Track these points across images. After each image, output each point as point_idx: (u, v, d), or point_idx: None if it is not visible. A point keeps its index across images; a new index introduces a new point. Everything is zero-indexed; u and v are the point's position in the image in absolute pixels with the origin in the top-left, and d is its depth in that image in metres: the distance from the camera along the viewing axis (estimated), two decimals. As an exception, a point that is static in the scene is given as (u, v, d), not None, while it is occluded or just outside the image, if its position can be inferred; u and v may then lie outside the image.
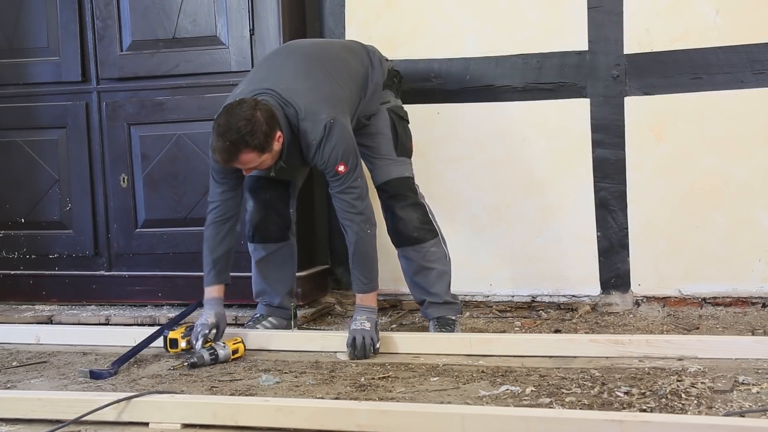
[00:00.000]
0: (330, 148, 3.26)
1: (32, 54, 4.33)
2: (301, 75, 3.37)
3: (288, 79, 3.34)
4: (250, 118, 3.14)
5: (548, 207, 4.00)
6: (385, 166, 3.58)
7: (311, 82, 3.35)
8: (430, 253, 3.59)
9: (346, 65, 3.48)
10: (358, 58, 3.55)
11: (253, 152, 3.17)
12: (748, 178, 3.78)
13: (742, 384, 2.73)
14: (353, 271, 3.42)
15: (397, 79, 3.69)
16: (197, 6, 4.09)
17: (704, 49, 3.77)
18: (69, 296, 4.37)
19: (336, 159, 3.27)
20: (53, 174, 4.35)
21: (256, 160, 3.21)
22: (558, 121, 3.97)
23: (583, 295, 3.97)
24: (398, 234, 3.59)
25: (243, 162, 3.20)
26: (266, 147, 3.19)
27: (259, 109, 3.17)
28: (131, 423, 2.63)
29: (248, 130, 3.12)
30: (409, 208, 3.57)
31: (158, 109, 4.19)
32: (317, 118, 3.26)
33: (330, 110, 3.28)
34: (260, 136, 3.14)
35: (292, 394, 2.88)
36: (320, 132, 3.25)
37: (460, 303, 3.71)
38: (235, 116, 3.15)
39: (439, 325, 3.59)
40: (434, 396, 2.79)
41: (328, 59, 3.46)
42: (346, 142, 3.29)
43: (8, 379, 3.20)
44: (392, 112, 3.61)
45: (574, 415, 2.39)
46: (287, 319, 3.74)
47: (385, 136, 3.58)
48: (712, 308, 3.83)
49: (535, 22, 3.96)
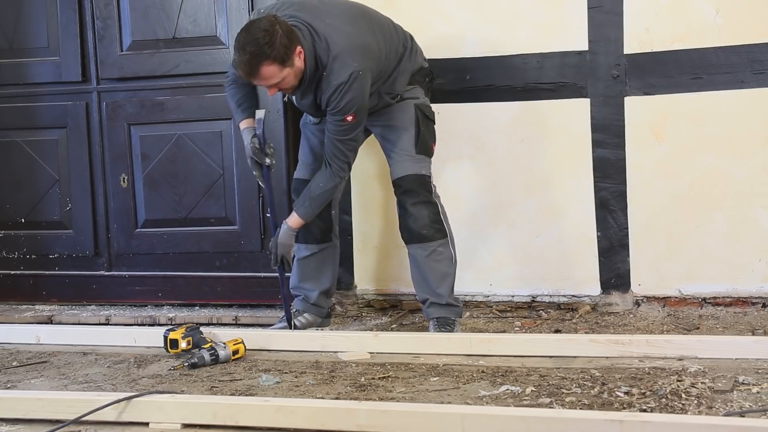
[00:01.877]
0: (349, 97, 3.34)
1: (32, 54, 4.33)
2: (348, 19, 3.44)
3: (334, 17, 3.41)
4: (269, 29, 3.21)
5: (548, 207, 4.00)
6: (403, 161, 3.59)
7: (356, 29, 3.42)
8: (437, 252, 3.59)
9: (388, 34, 3.55)
10: (400, 36, 3.61)
11: (274, 64, 3.24)
12: (748, 178, 3.78)
13: (742, 384, 2.73)
14: (308, 198, 3.55)
15: (429, 78, 3.72)
16: (197, 6, 4.09)
17: (704, 49, 3.77)
18: (69, 296, 4.38)
19: (349, 109, 3.36)
20: (53, 174, 4.35)
21: (277, 74, 3.26)
22: (558, 121, 3.97)
23: (584, 295, 3.97)
24: (408, 230, 3.60)
25: (265, 76, 3.26)
26: (286, 59, 3.25)
27: (278, 23, 3.24)
28: (131, 423, 2.63)
29: (267, 41, 3.20)
30: (421, 205, 3.57)
31: (158, 109, 4.19)
32: (347, 64, 3.32)
33: (362, 62, 3.35)
34: (280, 48, 3.21)
35: (292, 394, 2.88)
36: (345, 77, 3.32)
37: (461, 306, 3.71)
38: (253, 29, 3.23)
39: (439, 325, 3.59)
40: (434, 396, 2.79)
41: (377, 22, 3.53)
42: (363, 95, 3.38)
43: (8, 379, 3.20)
44: (419, 109, 3.62)
45: (574, 415, 2.39)
46: (321, 317, 3.78)
47: (407, 132, 3.60)
48: (712, 308, 3.83)
49: (535, 22, 3.96)
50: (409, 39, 3.66)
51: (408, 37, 3.66)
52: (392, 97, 3.59)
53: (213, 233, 4.17)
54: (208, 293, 4.19)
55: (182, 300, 4.24)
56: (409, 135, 3.59)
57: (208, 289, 4.19)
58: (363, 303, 4.21)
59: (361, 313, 4.13)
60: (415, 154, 3.59)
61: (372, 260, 4.15)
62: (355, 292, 4.24)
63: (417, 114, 3.60)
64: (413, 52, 3.64)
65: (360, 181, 3.81)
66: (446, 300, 3.61)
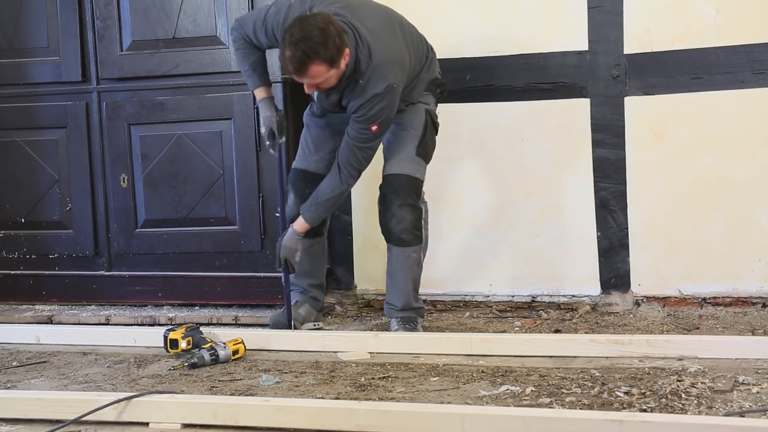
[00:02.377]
0: (379, 107, 3.34)
1: (32, 54, 4.33)
2: (387, 28, 3.43)
3: (376, 23, 3.39)
4: (325, 28, 3.19)
5: (548, 207, 4.00)
6: (400, 160, 3.59)
7: (394, 39, 3.42)
8: (411, 258, 3.61)
9: (417, 45, 3.56)
10: (424, 48, 3.61)
11: (324, 65, 3.22)
12: (748, 178, 3.78)
13: (742, 384, 2.73)
14: (315, 203, 3.54)
15: (441, 89, 3.71)
16: (197, 6, 4.09)
17: (704, 49, 3.77)
18: (69, 296, 4.37)
19: (377, 118, 3.36)
20: (53, 174, 4.35)
21: (323, 74, 3.25)
22: (558, 121, 3.97)
23: (584, 295, 3.97)
24: (388, 231, 3.60)
25: (312, 75, 3.24)
26: (336, 60, 3.24)
27: (333, 22, 3.23)
28: (131, 423, 2.63)
29: (321, 40, 3.17)
30: (407, 207, 3.57)
31: (158, 109, 4.19)
32: (386, 75, 3.32)
33: (398, 75, 3.36)
34: (333, 49, 3.20)
35: (292, 394, 2.88)
36: (381, 89, 3.32)
37: (424, 307, 3.75)
38: (309, 25, 3.19)
39: (403, 322, 3.62)
40: (434, 396, 2.79)
41: (408, 32, 3.54)
42: (392, 108, 3.40)
43: (8, 379, 3.20)
44: (429, 114, 3.63)
45: (574, 415, 2.39)
46: (317, 311, 3.79)
47: (413, 132, 3.59)
48: (712, 308, 3.83)
49: (535, 22, 3.96)
50: (430, 50, 3.66)
51: (429, 47, 3.67)
52: (407, 104, 3.59)
53: (213, 233, 4.17)
54: (208, 293, 4.19)
55: (182, 300, 4.24)
56: (414, 136, 3.58)
57: (208, 289, 4.19)
58: (363, 303, 4.21)
59: (361, 313, 4.13)
60: (414, 155, 3.58)
61: (372, 260, 4.15)
62: (355, 292, 4.24)
63: (426, 119, 3.61)
64: (432, 63, 3.65)
65: (360, 181, 3.78)
66: (411, 305, 3.64)
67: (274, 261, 3.76)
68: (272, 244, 4.05)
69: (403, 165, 3.58)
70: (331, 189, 3.53)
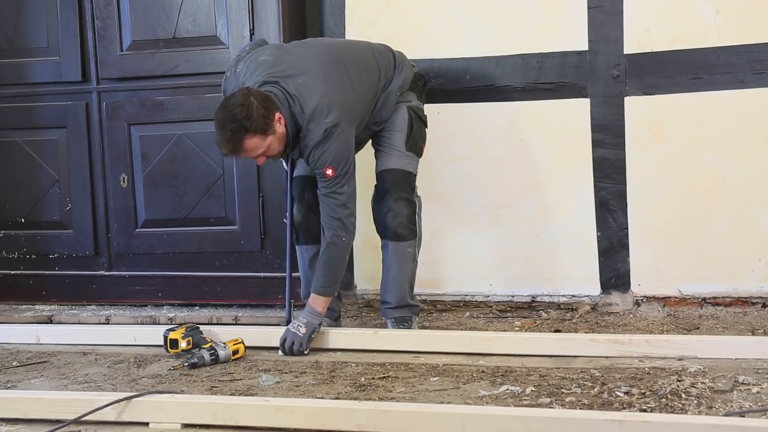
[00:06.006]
0: (323, 150, 3.31)
1: (32, 54, 4.33)
2: (321, 73, 3.39)
3: (307, 74, 3.37)
4: (244, 103, 3.20)
5: (548, 207, 4.00)
6: (392, 156, 3.59)
7: (331, 84, 3.38)
8: (407, 253, 3.60)
9: (368, 73, 3.51)
10: (383, 66, 3.57)
11: (256, 135, 3.22)
12: (748, 178, 3.78)
13: (742, 384, 2.73)
14: (317, 270, 3.46)
15: (421, 82, 3.70)
16: (197, 6, 4.09)
17: (704, 49, 3.77)
18: (69, 296, 4.37)
19: (326, 161, 3.32)
20: (53, 174, 4.35)
21: (261, 144, 3.25)
22: (558, 121, 3.97)
23: (583, 295, 3.97)
24: (384, 226, 3.60)
25: (249, 149, 3.24)
26: (267, 128, 3.23)
27: (252, 94, 3.23)
28: (131, 423, 2.63)
29: (244, 115, 3.18)
30: (402, 202, 3.57)
31: (158, 109, 4.19)
32: (322, 121, 3.30)
33: (338, 115, 3.32)
34: (258, 119, 3.20)
35: (292, 394, 2.88)
36: (320, 136, 3.30)
37: (419, 305, 3.74)
38: (229, 106, 3.22)
39: (398, 322, 3.61)
40: (434, 396, 2.79)
41: (353, 65, 3.48)
42: (340, 148, 3.33)
43: (8, 379, 3.20)
44: (412, 110, 3.62)
45: (574, 415, 2.39)
46: (334, 321, 3.72)
47: (400, 131, 3.59)
48: (712, 308, 3.83)
49: (535, 22, 3.96)
50: (392, 60, 3.61)
51: (391, 59, 3.61)
52: (378, 125, 3.58)
53: (213, 233, 4.17)
54: (208, 293, 4.19)
55: (182, 300, 4.24)
56: (401, 133, 3.59)
57: (208, 289, 4.19)
58: (363, 303, 4.21)
59: (361, 313, 4.13)
60: (405, 150, 3.59)
61: (372, 260, 4.14)
62: (355, 292, 4.24)
63: (410, 115, 3.60)
64: (400, 71, 3.61)
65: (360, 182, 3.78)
66: (406, 302, 3.63)
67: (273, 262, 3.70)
68: (272, 244, 4.06)
69: (395, 160, 3.58)
70: (324, 249, 3.44)
